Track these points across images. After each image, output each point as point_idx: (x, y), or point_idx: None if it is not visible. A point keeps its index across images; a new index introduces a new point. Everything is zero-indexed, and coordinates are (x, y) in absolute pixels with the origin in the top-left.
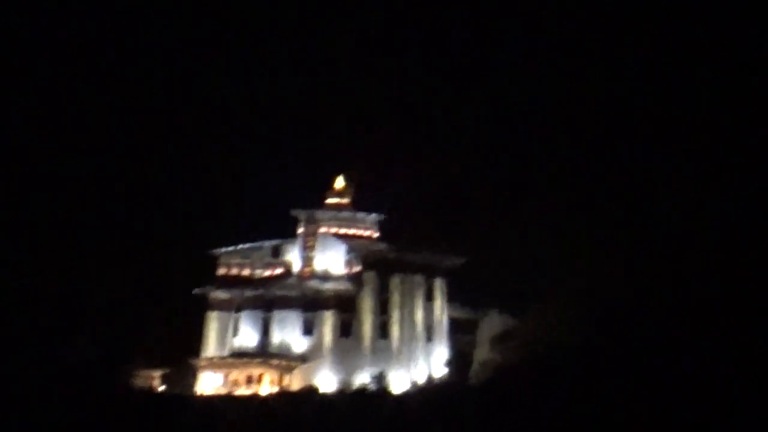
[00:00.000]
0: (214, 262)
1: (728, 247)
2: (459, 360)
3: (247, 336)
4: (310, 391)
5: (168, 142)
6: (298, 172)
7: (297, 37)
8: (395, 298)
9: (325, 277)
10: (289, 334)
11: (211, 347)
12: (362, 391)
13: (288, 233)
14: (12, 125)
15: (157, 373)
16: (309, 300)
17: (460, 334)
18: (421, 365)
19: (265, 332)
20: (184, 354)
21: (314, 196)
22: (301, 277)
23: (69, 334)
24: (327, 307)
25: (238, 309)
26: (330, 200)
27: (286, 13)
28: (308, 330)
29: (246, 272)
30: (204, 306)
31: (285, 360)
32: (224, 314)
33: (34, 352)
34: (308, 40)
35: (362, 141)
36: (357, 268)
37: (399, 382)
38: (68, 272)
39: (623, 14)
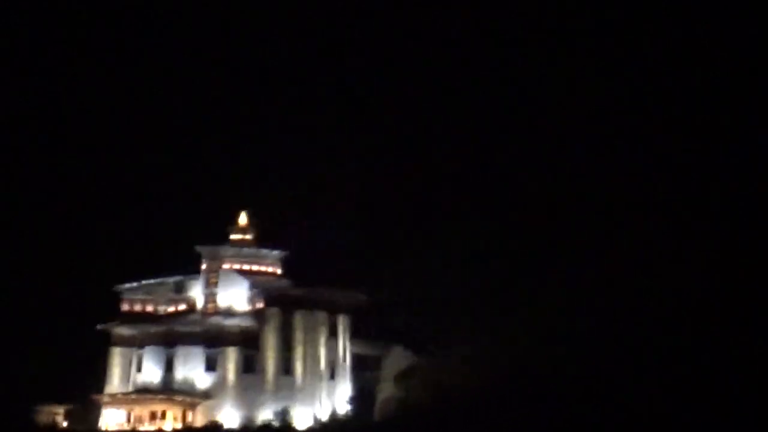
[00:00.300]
0: (117, 298)
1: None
2: (363, 396)
3: (151, 372)
4: (213, 428)
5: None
6: (202, 208)
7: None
8: (298, 335)
9: (229, 313)
10: (192, 370)
11: (114, 383)
12: (266, 427)
13: (191, 269)
14: None
15: (60, 409)
16: (212, 336)
17: (364, 371)
18: (324, 401)
19: (169, 368)
20: (87, 390)
21: (218, 232)
22: (205, 313)
23: None
24: (230, 344)
25: (142, 345)
26: (233, 236)
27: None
28: (211, 366)
29: (149, 308)
30: (107, 342)
31: (188, 396)
32: (128, 350)
33: None
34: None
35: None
36: (260, 305)
37: (302, 419)
38: None
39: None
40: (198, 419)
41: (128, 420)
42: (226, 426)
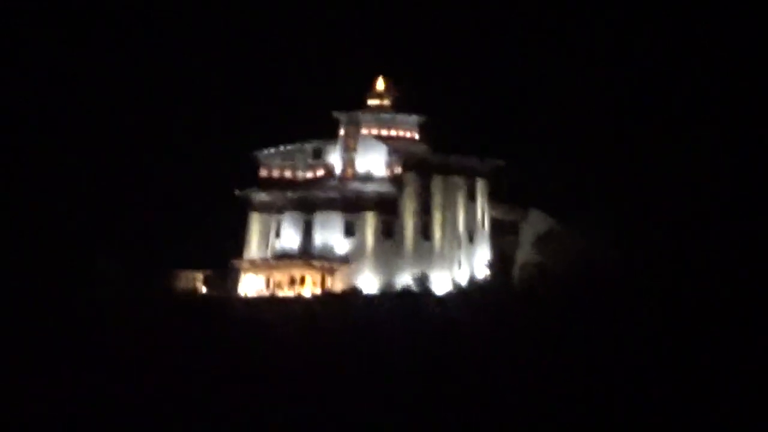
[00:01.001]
0: (256, 164)
1: None
2: (501, 260)
3: (290, 238)
4: (352, 293)
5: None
6: (340, 73)
7: None
8: (436, 200)
9: (367, 178)
10: (330, 235)
11: (253, 249)
12: (404, 292)
13: (329, 135)
14: None
15: (199, 275)
16: (350, 201)
17: (503, 235)
18: (462, 266)
19: (307, 234)
20: (226, 256)
21: (355, 97)
22: (343, 178)
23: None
24: (369, 209)
25: (280, 211)
26: (371, 101)
27: None
28: (350, 231)
29: (288, 174)
30: (246, 208)
31: (327, 261)
32: (266, 216)
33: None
34: None
35: (404, 41)
36: (398, 170)
37: (441, 283)
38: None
39: None
40: (336, 284)
41: (267, 285)
42: (364, 291)
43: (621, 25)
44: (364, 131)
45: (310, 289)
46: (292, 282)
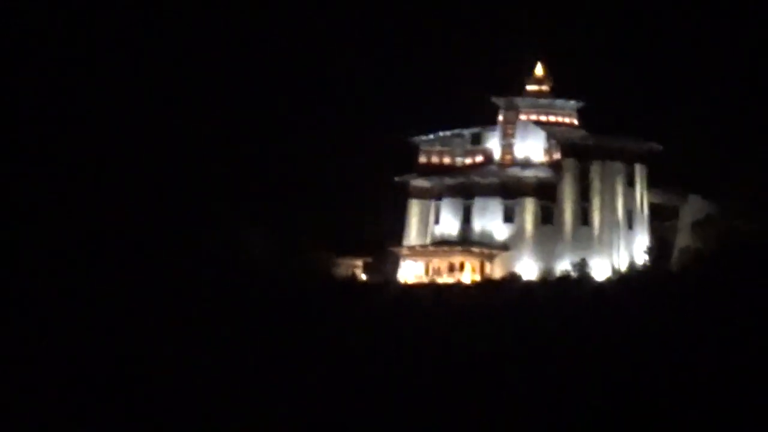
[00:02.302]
0: (414, 150)
1: None
2: (660, 247)
3: (448, 224)
4: (512, 279)
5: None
6: (499, 58)
7: None
8: (595, 185)
9: (525, 164)
10: (489, 221)
11: (412, 235)
12: (564, 278)
13: (487, 121)
14: None
15: (359, 261)
16: (509, 187)
17: (662, 220)
18: (622, 252)
19: (466, 220)
20: (386, 242)
21: (514, 83)
22: (501, 164)
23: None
24: (527, 195)
25: (439, 197)
26: (529, 87)
27: None
28: (509, 217)
29: (446, 160)
30: (405, 194)
31: (486, 248)
32: (425, 202)
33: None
34: None
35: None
36: (557, 156)
37: (600, 270)
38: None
39: None
40: (496, 271)
41: (426, 272)
42: (523, 277)
43: None
44: (522, 117)
45: (469, 275)
46: (452, 268)
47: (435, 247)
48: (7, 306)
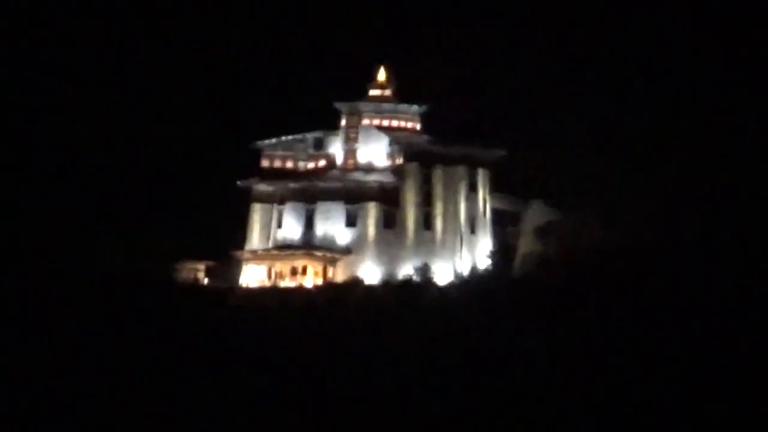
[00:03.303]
0: (257, 155)
1: None
2: (502, 251)
3: (291, 228)
4: (354, 283)
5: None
6: (340, 63)
7: None
8: (438, 190)
9: (368, 169)
10: (332, 226)
11: (255, 240)
12: (406, 282)
13: (330, 125)
14: None
15: (201, 266)
16: (352, 192)
17: (504, 226)
18: (464, 256)
19: (309, 224)
20: (228, 247)
21: (356, 87)
22: (344, 169)
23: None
24: (370, 199)
25: (282, 201)
26: (372, 92)
27: None
28: (352, 222)
29: (289, 164)
30: (248, 198)
31: (329, 252)
32: (268, 206)
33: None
34: None
35: (404, 31)
36: (399, 160)
37: (443, 274)
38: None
39: None
40: (339, 275)
41: (269, 276)
42: (366, 281)
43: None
44: (365, 121)
45: (312, 279)
46: (294, 272)
47: (278, 251)
48: None
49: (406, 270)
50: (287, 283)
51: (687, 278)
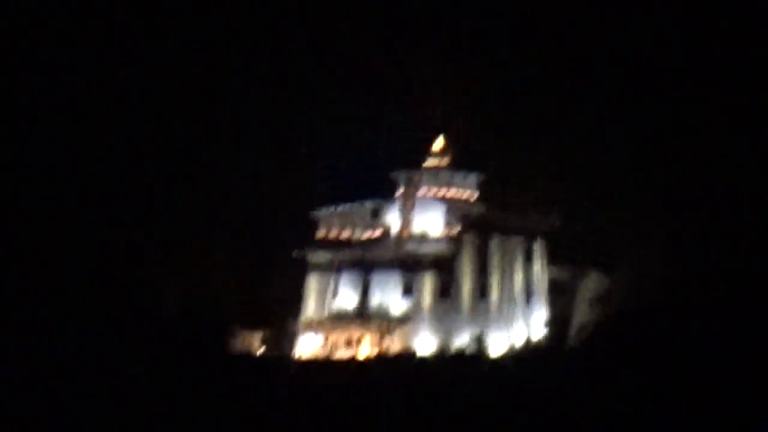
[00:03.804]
0: (313, 224)
1: None
2: (558, 321)
3: (347, 298)
4: (409, 353)
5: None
6: (397, 132)
7: None
8: (494, 260)
9: (424, 238)
10: (388, 295)
11: (310, 309)
12: (461, 353)
13: (387, 195)
14: None
15: (257, 335)
16: (408, 261)
17: (560, 295)
18: (520, 327)
19: (365, 294)
20: (283, 316)
21: (413, 156)
22: (400, 238)
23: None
24: (426, 269)
25: (338, 270)
26: (429, 160)
27: None
28: (407, 291)
29: (345, 234)
30: (304, 268)
31: (384, 321)
32: (324, 276)
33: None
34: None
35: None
36: (456, 230)
37: (497, 344)
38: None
39: None
40: (394, 345)
41: (324, 345)
42: (420, 351)
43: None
44: (422, 191)
45: (367, 349)
46: (349, 342)
47: (333, 321)
48: None
49: (461, 340)
50: (342, 353)
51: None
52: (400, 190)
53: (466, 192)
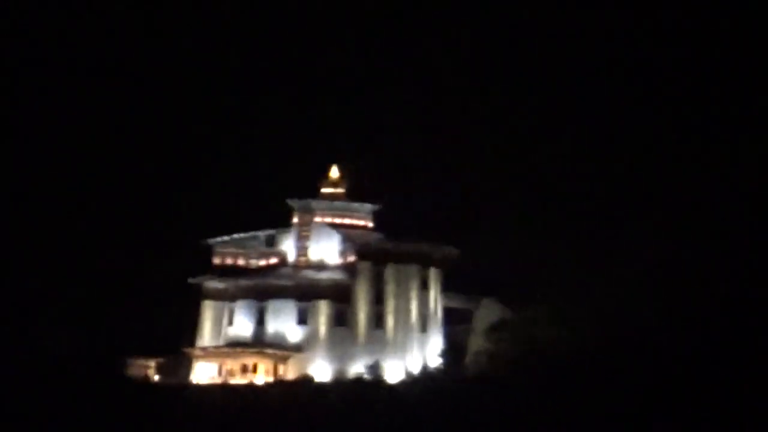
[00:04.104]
0: (209, 252)
1: None
2: (454, 349)
3: (242, 325)
4: (304, 381)
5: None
6: (293, 161)
7: (292, 28)
8: (390, 288)
9: (320, 266)
10: (283, 323)
11: (206, 337)
12: (357, 380)
13: (283, 223)
14: None
15: (152, 363)
16: (304, 290)
17: (455, 324)
18: (415, 354)
19: (260, 322)
20: (179, 343)
21: (309, 185)
22: (296, 266)
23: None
24: (322, 297)
25: (233, 298)
26: (325, 190)
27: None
28: (303, 320)
29: (241, 262)
30: (199, 295)
31: (280, 349)
32: (219, 304)
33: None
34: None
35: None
36: (352, 258)
37: (394, 372)
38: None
39: None
40: (289, 372)
41: (219, 373)
42: (316, 379)
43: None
44: (317, 219)
45: (262, 377)
46: (245, 370)
47: (228, 349)
48: None
49: (357, 368)
50: (238, 380)
51: (635, 375)
52: (296, 219)
53: (362, 221)
